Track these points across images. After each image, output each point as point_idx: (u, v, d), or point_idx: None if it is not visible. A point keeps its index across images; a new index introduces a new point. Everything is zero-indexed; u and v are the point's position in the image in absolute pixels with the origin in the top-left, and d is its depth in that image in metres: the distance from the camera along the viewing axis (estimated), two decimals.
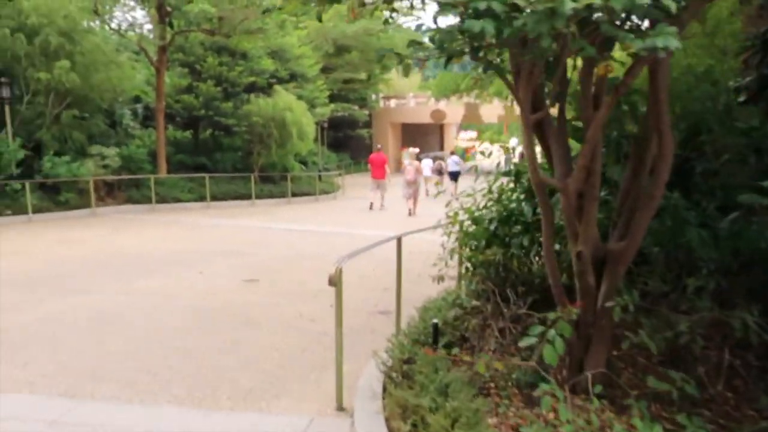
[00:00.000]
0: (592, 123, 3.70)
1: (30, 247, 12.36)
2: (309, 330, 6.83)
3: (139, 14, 20.51)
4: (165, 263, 10.69)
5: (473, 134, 75.40)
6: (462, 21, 3.00)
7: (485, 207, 6.20)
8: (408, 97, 43.75)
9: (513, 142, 64.58)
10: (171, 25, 20.21)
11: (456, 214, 6.75)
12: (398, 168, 41.85)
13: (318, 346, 6.29)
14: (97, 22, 20.01)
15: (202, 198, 20.04)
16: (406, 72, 3.56)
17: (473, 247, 5.84)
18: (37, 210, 16.38)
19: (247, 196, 21.13)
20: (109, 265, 10.45)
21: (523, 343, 3.41)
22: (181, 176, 20.46)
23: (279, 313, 7.45)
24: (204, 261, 10.92)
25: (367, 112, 38.89)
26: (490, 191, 6.65)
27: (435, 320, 4.86)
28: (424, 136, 45.59)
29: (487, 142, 73.44)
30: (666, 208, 4.20)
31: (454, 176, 25.84)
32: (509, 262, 5.27)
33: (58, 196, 17.16)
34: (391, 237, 6.77)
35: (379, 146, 23.30)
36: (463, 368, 4.20)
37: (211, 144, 23.18)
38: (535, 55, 3.30)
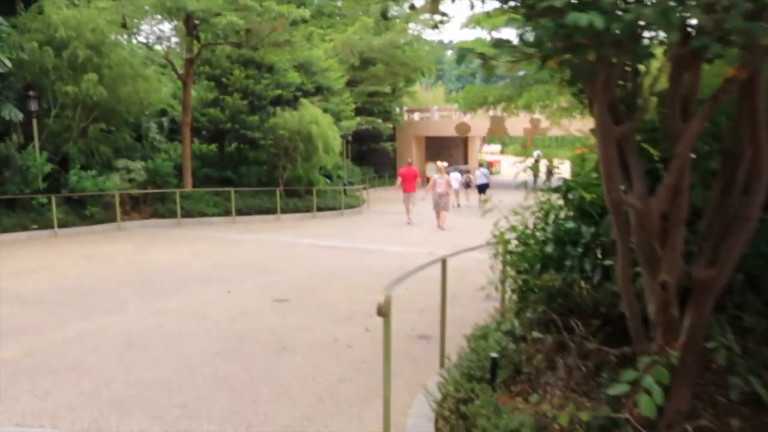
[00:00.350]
0: (683, 136, 3.26)
1: (55, 262, 12.15)
2: (346, 357, 6.43)
3: (167, 27, 20.34)
4: (192, 280, 10.38)
5: (497, 147, 74.92)
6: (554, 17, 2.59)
7: (536, 227, 5.76)
8: (432, 110, 43.42)
9: (536, 155, 64.14)
10: (198, 39, 20.12)
11: (502, 234, 6.33)
12: (421, 181, 41.48)
13: (357, 376, 5.88)
14: (125, 36, 19.98)
15: (227, 212, 19.81)
16: (490, 73, 3.14)
17: (524, 270, 5.40)
18: (62, 224, 16.23)
19: (272, 211, 20.85)
20: (135, 283, 10.15)
21: (614, 391, 2.97)
22: (207, 190, 20.27)
23: (313, 337, 7.06)
24: (231, 278, 10.59)
25: (391, 125, 38.63)
26: (541, 209, 6.23)
27: (494, 354, 4.42)
28: (448, 150, 45.17)
29: (511, 154, 72.92)
30: (761, 231, 3.74)
31: (483, 189, 25.74)
32: (569, 288, 4.82)
33: (83, 210, 17.02)
34: (436, 259, 6.31)
35: (409, 160, 23.04)
36: (527, 410, 3.76)
37: (237, 157, 22.98)
38: (637, 56, 2.88)
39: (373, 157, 39.03)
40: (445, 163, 20.66)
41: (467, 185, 26.57)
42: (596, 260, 4.75)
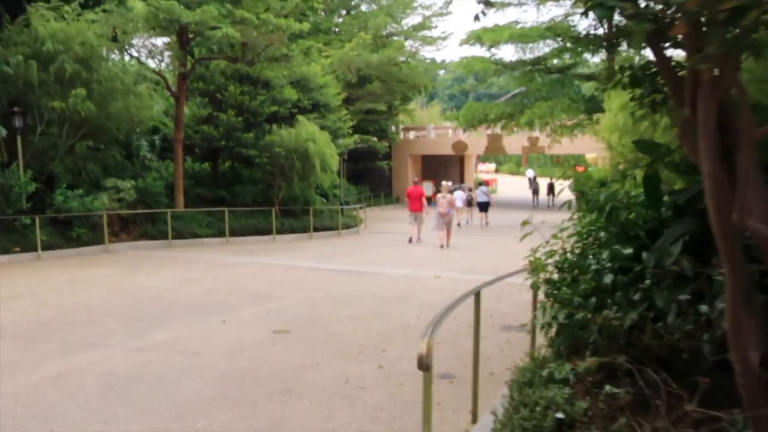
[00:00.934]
0: None
1: (36, 288, 11.29)
2: (361, 402, 5.61)
3: (159, 42, 19.62)
4: (184, 309, 9.55)
5: (491, 166, 74.54)
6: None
7: (583, 253, 5.01)
8: (428, 128, 42.86)
9: (529, 173, 63.69)
10: (191, 54, 19.44)
11: (540, 261, 5.58)
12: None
13: (378, 428, 5.07)
14: (116, 51, 19.27)
15: (220, 233, 18.99)
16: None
17: (577, 304, 4.62)
18: (47, 246, 15.37)
19: (267, 231, 20.05)
20: (121, 312, 9.32)
21: None
22: (199, 210, 19.46)
23: (321, 377, 6.25)
24: (227, 306, 9.77)
25: (387, 143, 37.99)
26: (584, 233, 5.50)
27: (560, 415, 3.63)
28: (444, 168, 44.53)
29: (506, 173, 72.50)
30: None
31: (484, 207, 25.63)
32: (639, 329, 4.05)
33: (69, 232, 16.16)
34: (470, 292, 5.54)
35: (416, 179, 22.52)
36: None
37: (231, 176, 22.23)
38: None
39: (369, 176, 38.34)
40: (450, 183, 20.12)
41: (469, 203, 26.06)
42: (669, 294, 4.00)
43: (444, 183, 19.84)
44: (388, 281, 12.41)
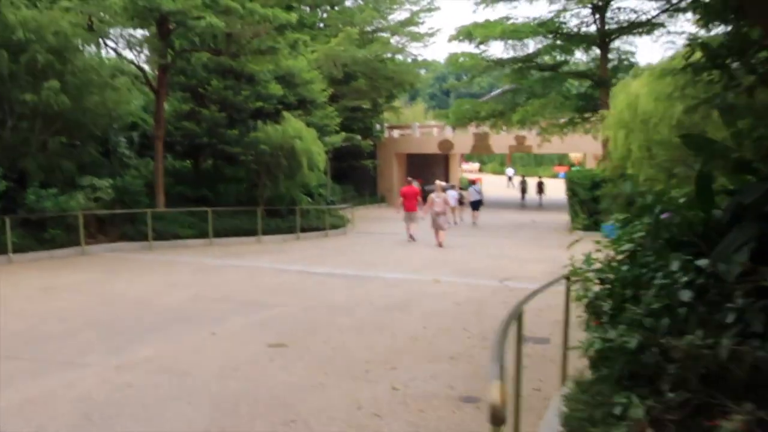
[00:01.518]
0: None
1: (6, 295, 10.37)
2: None
3: (139, 33, 18.65)
4: (168, 319, 8.76)
5: (475, 166, 74.14)
6: None
7: (649, 265, 4.34)
8: (413, 126, 42.17)
9: (509, 171, 63.41)
10: (172, 47, 18.53)
11: (584, 274, 4.92)
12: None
13: None
14: (93, 46, 18.28)
15: (203, 234, 18.12)
16: None
17: (649, 326, 3.93)
18: (18, 249, 14.41)
19: (252, 232, 19.22)
20: (99, 323, 8.49)
21: None
22: (181, 210, 18.56)
23: (328, 401, 5.51)
24: (215, 315, 8.99)
25: (371, 142, 37.20)
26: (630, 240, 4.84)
27: None
28: (429, 167, 43.88)
29: (490, 173, 72.18)
30: None
31: (476, 206, 25.53)
32: (730, 358, 3.37)
33: (43, 233, 15.20)
34: (511, 315, 4.85)
35: (409, 179, 21.96)
36: None
37: (214, 174, 21.34)
38: None
39: (353, 175, 37.56)
40: (444, 183, 19.61)
41: (460, 202, 25.64)
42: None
43: (438, 182, 19.37)
44: (385, 286, 11.70)
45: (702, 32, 23.24)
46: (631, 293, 4.30)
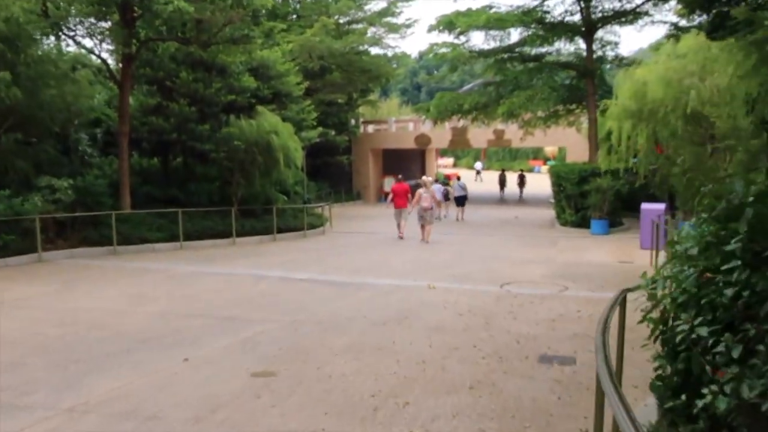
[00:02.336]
0: None
1: None
2: None
3: (101, 24, 17.21)
4: (133, 341, 7.58)
5: (450, 161, 73.36)
6: None
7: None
8: (389, 121, 41.11)
9: (477, 165, 62.77)
10: (137, 36, 17.17)
11: (656, 293, 3.93)
12: (378, 197, 39.01)
13: None
14: (51, 38, 16.86)
15: (173, 237, 16.83)
16: None
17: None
18: None
19: (226, 234, 17.98)
20: (52, 349, 7.29)
21: None
22: (149, 211, 17.22)
23: None
24: (188, 336, 7.85)
25: (347, 137, 36.05)
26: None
27: None
28: (405, 163, 42.83)
29: (465, 167, 71.52)
30: None
31: (461, 201, 25.09)
32: None
33: None
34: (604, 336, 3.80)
35: (399, 176, 21.26)
36: None
37: (184, 173, 20.02)
38: None
39: (328, 171, 36.37)
40: (431, 178, 18.75)
41: (446, 197, 24.91)
42: None
43: (425, 178, 18.59)
44: (377, 295, 10.64)
45: (683, 22, 22.42)
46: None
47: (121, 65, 17.16)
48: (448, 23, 23.65)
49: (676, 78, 10.78)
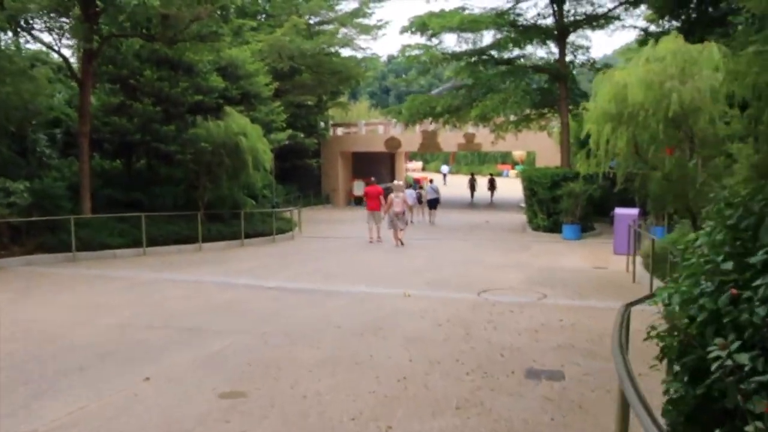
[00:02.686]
0: None
1: None
2: None
3: (61, 18, 16.44)
4: (89, 357, 7.02)
5: (419, 164, 73.22)
6: None
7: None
8: (359, 124, 40.69)
9: (444, 169, 62.83)
10: (99, 33, 16.45)
11: (674, 311, 3.58)
12: (347, 200, 38.57)
13: None
14: (8, 34, 16.06)
15: (136, 242, 16.15)
16: None
17: None
18: None
19: (192, 239, 17.33)
20: (1, 367, 6.69)
21: None
22: (110, 216, 16.49)
23: None
24: (150, 350, 7.31)
25: (316, 140, 35.53)
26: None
27: None
28: (375, 166, 42.48)
29: (433, 171, 71.44)
30: None
31: (433, 204, 25.01)
32: None
33: None
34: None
35: (372, 179, 20.88)
36: None
37: (148, 175, 19.31)
38: None
39: (298, 174, 35.79)
40: (402, 182, 18.48)
41: (418, 201, 24.74)
42: None
43: (396, 182, 18.28)
44: (350, 303, 10.21)
45: (653, 27, 22.36)
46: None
47: (82, 62, 16.40)
48: (420, 25, 23.35)
49: (657, 81, 10.55)
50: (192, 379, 6.28)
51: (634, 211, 16.21)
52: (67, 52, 17.81)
